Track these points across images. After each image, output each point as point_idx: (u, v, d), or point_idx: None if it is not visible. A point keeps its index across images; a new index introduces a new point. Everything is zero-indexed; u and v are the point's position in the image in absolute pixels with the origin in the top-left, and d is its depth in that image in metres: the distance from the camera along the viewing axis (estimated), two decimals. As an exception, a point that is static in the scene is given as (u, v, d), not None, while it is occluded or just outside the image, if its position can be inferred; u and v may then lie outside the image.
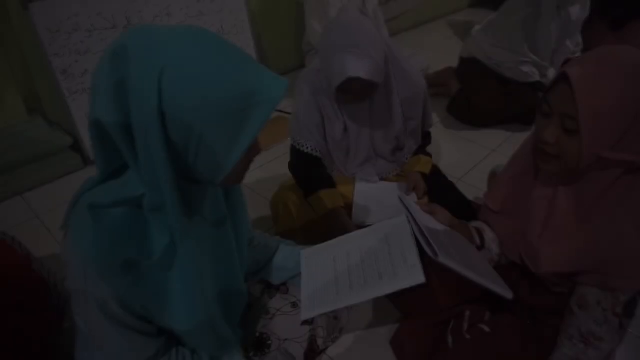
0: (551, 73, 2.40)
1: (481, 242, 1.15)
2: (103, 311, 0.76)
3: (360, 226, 1.41)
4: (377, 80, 1.25)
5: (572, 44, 2.42)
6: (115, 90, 0.64)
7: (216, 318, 0.91)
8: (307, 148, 1.47)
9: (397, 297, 1.38)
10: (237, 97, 0.66)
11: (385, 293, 0.94)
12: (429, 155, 1.63)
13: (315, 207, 1.45)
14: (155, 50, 0.63)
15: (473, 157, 2.23)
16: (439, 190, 1.55)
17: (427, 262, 0.92)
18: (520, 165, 1.12)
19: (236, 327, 1.04)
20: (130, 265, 0.74)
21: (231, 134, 0.68)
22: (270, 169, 2.15)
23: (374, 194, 1.55)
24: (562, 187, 1.01)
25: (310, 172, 1.49)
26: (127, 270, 0.74)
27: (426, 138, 1.63)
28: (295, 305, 1.15)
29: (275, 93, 0.69)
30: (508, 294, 1.01)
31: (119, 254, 0.73)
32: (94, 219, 0.71)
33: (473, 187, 1.98)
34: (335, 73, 1.23)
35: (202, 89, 0.64)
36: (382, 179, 1.62)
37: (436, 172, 1.63)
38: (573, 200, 0.99)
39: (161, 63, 0.62)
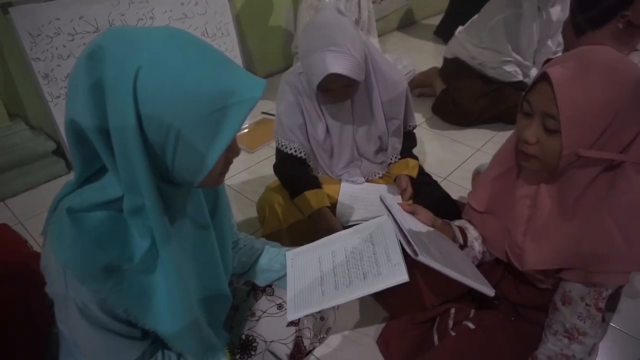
0: (533, 73, 2.43)
1: (464, 241, 1.16)
2: (84, 316, 0.75)
3: (346, 226, 1.41)
4: (357, 77, 1.25)
5: (554, 44, 2.46)
6: (91, 92, 0.63)
7: (201, 321, 0.90)
8: (291, 149, 1.47)
9: (383, 297, 1.38)
10: (214, 97, 0.66)
11: (370, 292, 0.94)
12: (416, 158, 1.64)
13: (301, 207, 1.45)
14: (130, 50, 0.63)
15: (458, 156, 2.25)
16: (423, 189, 1.56)
17: (412, 262, 0.92)
18: (503, 164, 1.12)
19: (221, 329, 1.03)
20: (111, 269, 0.74)
21: (209, 134, 0.67)
22: (256, 171, 2.15)
23: (358, 193, 1.56)
24: (544, 186, 1.02)
25: (295, 172, 1.49)
26: (108, 274, 0.73)
27: (411, 139, 1.64)
28: (281, 306, 1.14)
29: (253, 93, 0.68)
30: (490, 292, 1.02)
31: (99, 258, 0.72)
32: (73, 223, 0.71)
33: (458, 186, 2.00)
34: (316, 71, 1.24)
35: (178, 89, 0.64)
36: (367, 181, 1.62)
37: (420, 171, 1.64)
38: (555, 198, 1.01)
39: (137, 63, 0.62)
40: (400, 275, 0.92)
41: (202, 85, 0.65)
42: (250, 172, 2.15)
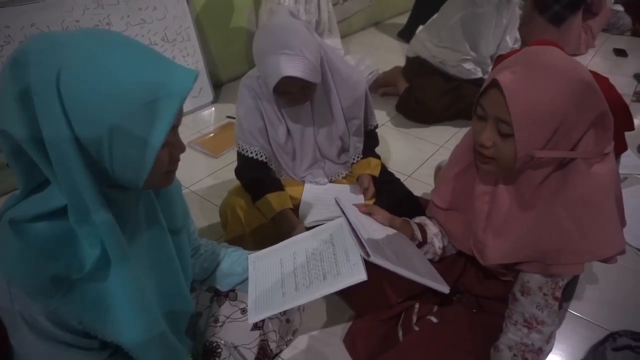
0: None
1: (423, 238, 1.18)
2: (33, 329, 0.73)
3: (309, 226, 1.41)
4: (312, 79, 1.25)
5: (511, 40, 2.52)
6: (19, 101, 0.61)
7: (161, 329, 0.88)
8: (252, 152, 1.46)
9: (349, 296, 1.39)
10: (142, 90, 0.64)
11: (329, 292, 0.95)
12: (378, 157, 1.65)
13: (264, 210, 1.44)
14: (52, 53, 0.61)
15: (422, 153, 2.28)
16: (385, 188, 1.57)
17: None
18: (462, 161, 1.14)
19: (184, 336, 1.02)
20: (60, 279, 0.71)
21: (143, 129, 0.65)
22: (221, 175, 2.13)
23: (321, 194, 1.56)
24: (501, 183, 1.04)
25: (256, 176, 1.48)
26: (56, 286, 0.71)
27: (372, 138, 1.65)
28: (244, 311, 1.13)
29: (184, 84, 0.67)
30: (445, 289, 1.04)
31: (46, 269, 0.70)
32: (16, 234, 0.68)
33: (422, 183, 2.02)
34: (271, 74, 1.23)
35: (102, 86, 0.62)
36: (331, 181, 1.62)
37: (383, 170, 1.65)
38: (512, 195, 1.03)
39: (57, 65, 0.61)
40: (358, 275, 0.93)
41: (128, 78, 0.63)
42: (215, 177, 2.13)
